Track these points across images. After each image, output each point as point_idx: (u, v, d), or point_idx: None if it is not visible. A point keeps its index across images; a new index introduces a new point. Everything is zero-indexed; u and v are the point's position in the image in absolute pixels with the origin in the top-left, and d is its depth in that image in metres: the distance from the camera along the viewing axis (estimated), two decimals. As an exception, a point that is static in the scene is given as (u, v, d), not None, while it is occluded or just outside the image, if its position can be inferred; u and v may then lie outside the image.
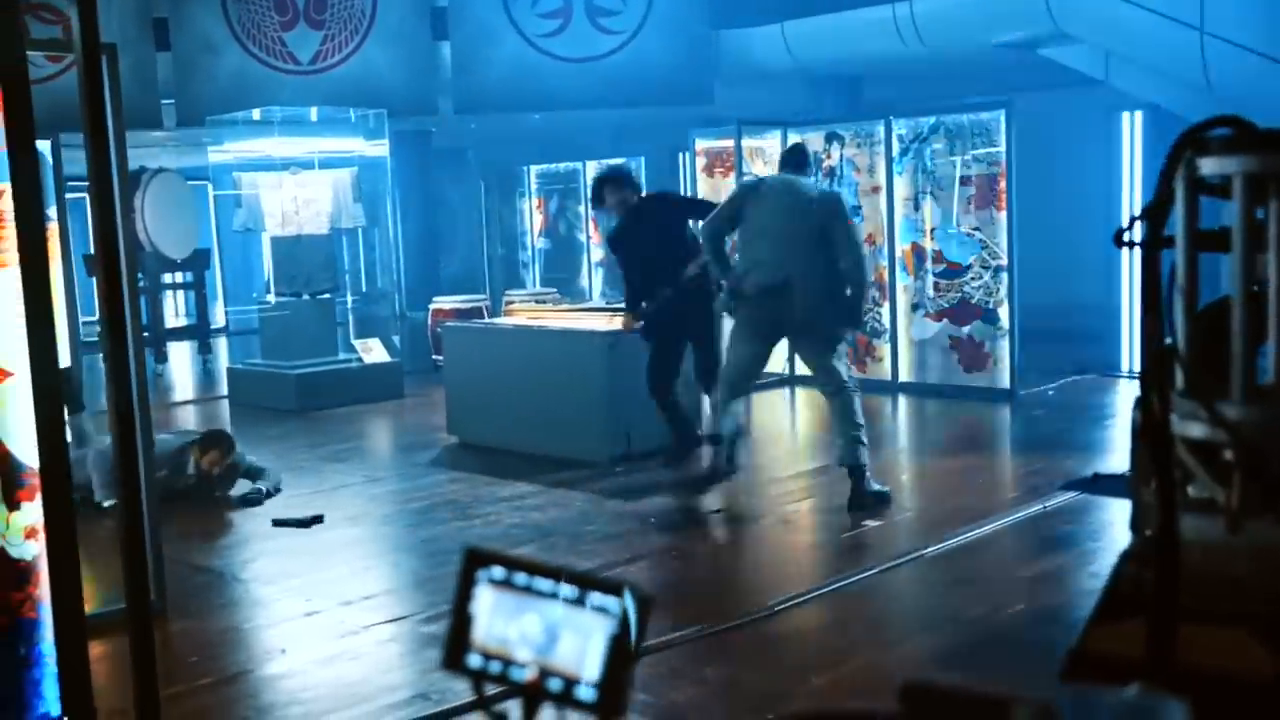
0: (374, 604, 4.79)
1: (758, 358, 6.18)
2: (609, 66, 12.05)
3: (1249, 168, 1.40)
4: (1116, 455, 6.86)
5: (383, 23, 11.86)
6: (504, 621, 0.99)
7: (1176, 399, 1.53)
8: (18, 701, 3.30)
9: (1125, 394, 9.01)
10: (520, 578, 0.99)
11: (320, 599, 4.84)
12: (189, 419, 9.86)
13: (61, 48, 6.83)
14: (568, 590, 0.97)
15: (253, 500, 6.46)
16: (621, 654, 0.95)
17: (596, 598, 0.96)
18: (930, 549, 5.18)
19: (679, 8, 12.07)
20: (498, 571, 1.00)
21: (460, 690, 3.78)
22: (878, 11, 10.64)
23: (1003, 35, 10.06)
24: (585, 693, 0.95)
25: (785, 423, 9.01)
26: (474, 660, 1.00)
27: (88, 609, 4.03)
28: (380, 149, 10.87)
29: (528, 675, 0.98)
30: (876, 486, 5.91)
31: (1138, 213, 1.66)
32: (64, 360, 6.15)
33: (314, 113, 11.02)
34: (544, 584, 0.98)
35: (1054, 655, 4.18)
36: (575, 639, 0.97)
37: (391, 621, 4.55)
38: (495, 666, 0.99)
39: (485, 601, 1.00)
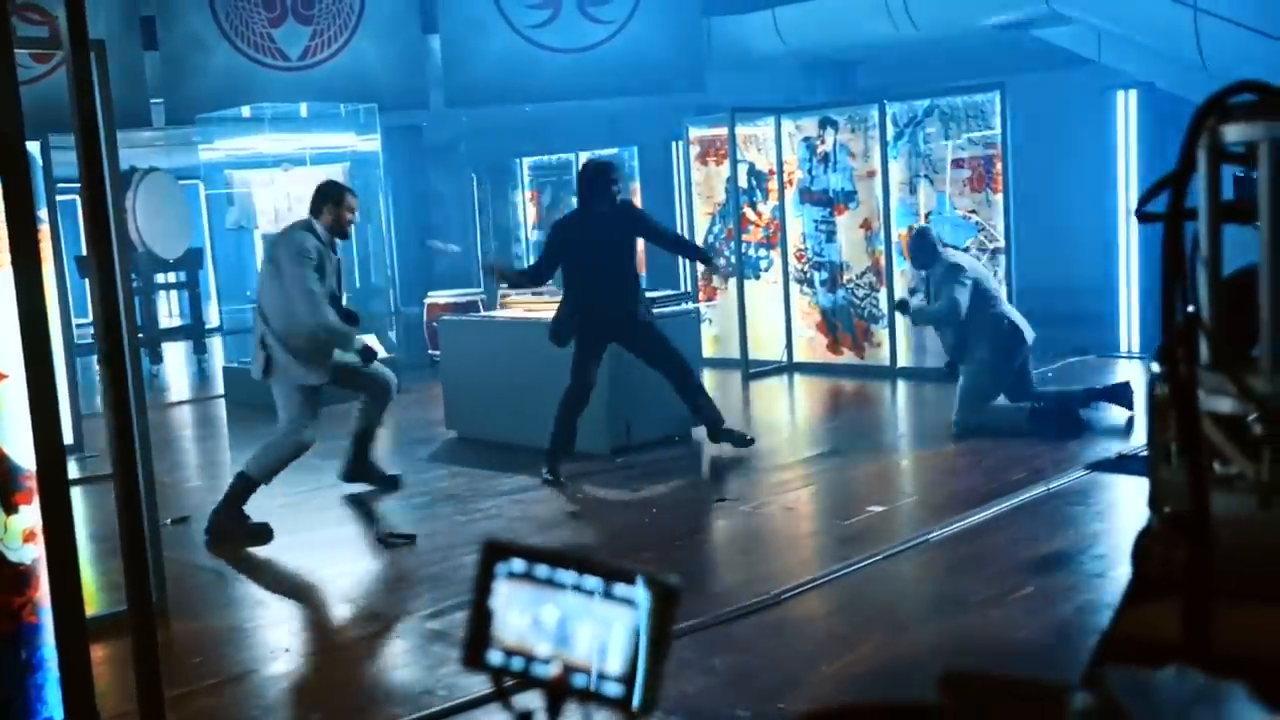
0: (377, 600, 4.76)
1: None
2: (600, 56, 11.99)
3: (1277, 133, 1.36)
4: (1120, 436, 6.84)
5: (372, 17, 11.79)
6: (525, 616, 0.95)
7: (1201, 373, 1.50)
8: (20, 707, 3.26)
9: (1124, 375, 8.99)
10: (541, 570, 0.95)
11: (323, 596, 4.80)
12: (186, 419, 9.81)
13: (49, 46, 6.77)
14: (592, 582, 0.93)
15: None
16: (650, 647, 0.91)
17: (622, 589, 0.92)
18: (935, 533, 5.15)
19: (669, -5, 12.00)
20: (518, 564, 0.96)
21: (466, 686, 3.75)
22: (869, -5, 10.58)
23: (996, 16, 10.02)
24: (612, 688, 0.92)
25: (784, 411, 8.97)
26: (495, 657, 0.96)
27: (88, 612, 3.99)
28: (372, 144, 10.81)
29: (551, 671, 0.94)
30: None
31: (1154, 184, 1.62)
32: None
33: (304, 108, 10.96)
34: (567, 576, 0.94)
35: (1064, 637, 4.14)
36: (600, 632, 0.93)
37: (395, 618, 4.52)
38: (517, 663, 0.95)
39: (505, 596, 0.96)
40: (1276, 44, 7.75)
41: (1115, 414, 7.19)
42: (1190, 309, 1.50)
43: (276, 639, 4.41)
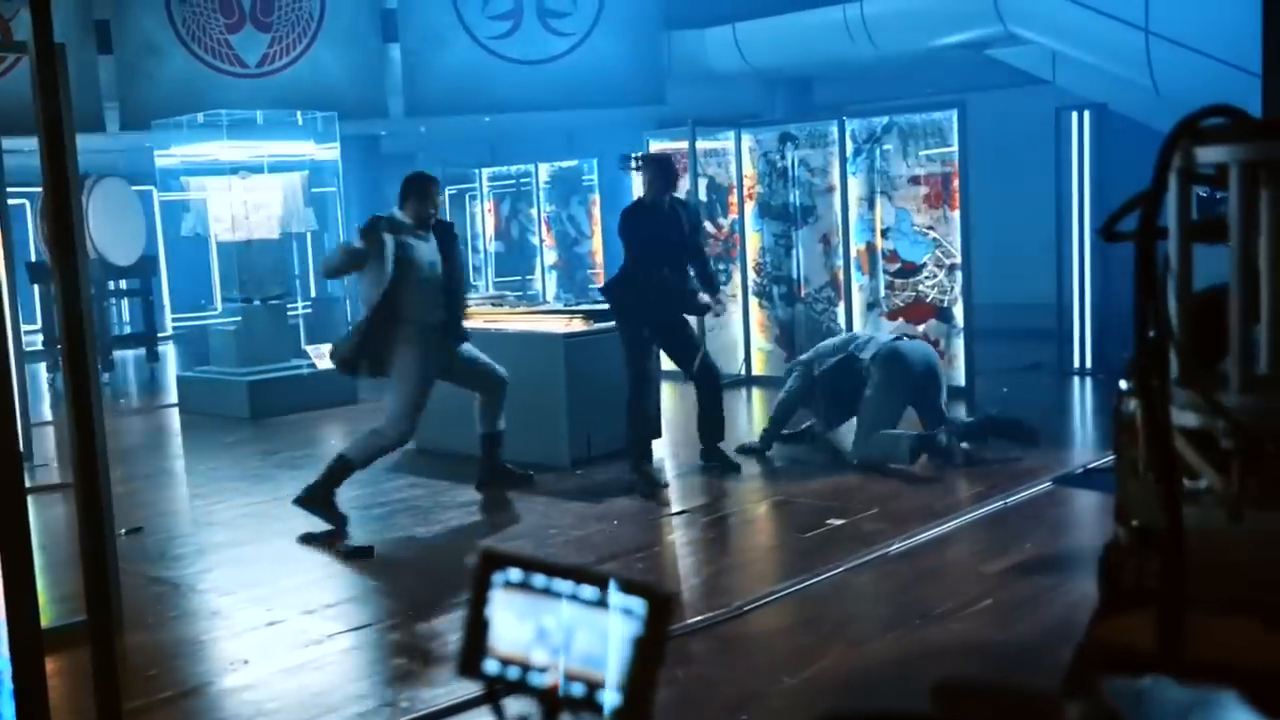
0: (336, 612, 4.72)
1: None
2: (560, 68, 12.02)
3: (1246, 156, 1.40)
4: (1076, 450, 6.93)
5: (331, 24, 11.75)
6: (521, 625, 0.96)
7: (1170, 389, 1.53)
8: (-28, 720, 3.20)
9: (1078, 390, 9.12)
10: (538, 579, 0.95)
11: (281, 608, 4.76)
12: (138, 428, 9.68)
13: (3, 49, 6.69)
14: (588, 592, 0.94)
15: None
16: (646, 657, 0.92)
17: (619, 599, 0.93)
18: (896, 546, 5.19)
19: (630, 9, 12.05)
20: (514, 574, 0.96)
21: (428, 697, 3.73)
22: (828, 13, 10.69)
23: (952, 36, 10.16)
24: (608, 697, 0.92)
25: (743, 423, 9.00)
26: (491, 666, 0.96)
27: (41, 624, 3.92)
28: (331, 152, 10.75)
29: (547, 681, 0.94)
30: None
31: (1125, 204, 1.66)
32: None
33: (261, 115, 10.88)
34: (563, 585, 0.94)
35: (1025, 649, 4.17)
36: (596, 642, 0.93)
37: (355, 629, 4.48)
38: (513, 672, 0.95)
39: (501, 605, 0.97)
40: (1226, 67, 7.91)
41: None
42: (1161, 325, 1.54)
43: (233, 651, 4.36)
